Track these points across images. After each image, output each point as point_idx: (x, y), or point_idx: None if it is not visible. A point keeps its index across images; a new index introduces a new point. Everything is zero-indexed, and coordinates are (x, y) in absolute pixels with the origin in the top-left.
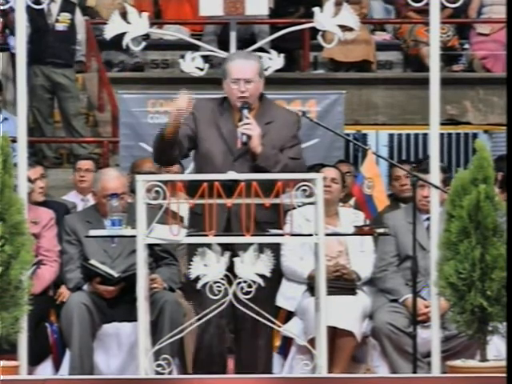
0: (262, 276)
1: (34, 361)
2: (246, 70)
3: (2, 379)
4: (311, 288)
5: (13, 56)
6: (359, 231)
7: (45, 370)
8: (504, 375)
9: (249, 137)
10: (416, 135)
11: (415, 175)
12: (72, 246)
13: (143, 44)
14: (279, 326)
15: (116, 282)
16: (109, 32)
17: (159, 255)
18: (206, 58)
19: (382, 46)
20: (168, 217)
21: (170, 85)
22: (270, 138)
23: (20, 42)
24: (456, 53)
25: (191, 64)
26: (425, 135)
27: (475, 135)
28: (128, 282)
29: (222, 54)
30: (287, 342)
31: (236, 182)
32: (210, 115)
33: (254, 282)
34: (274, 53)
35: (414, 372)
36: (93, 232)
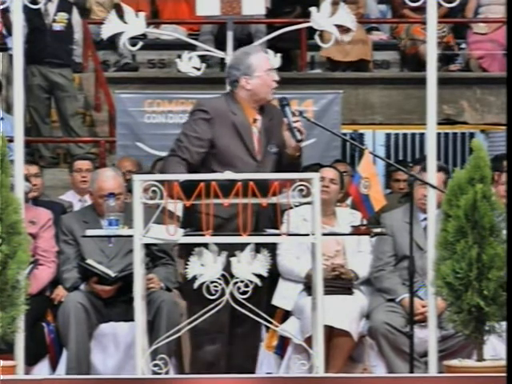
0: (258, 276)
1: (31, 360)
2: (271, 60)
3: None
4: (308, 287)
5: (10, 56)
6: (356, 231)
7: (42, 369)
8: (501, 375)
9: (301, 133)
10: (413, 135)
11: (412, 175)
12: (69, 245)
13: (140, 44)
14: (276, 326)
15: (113, 282)
16: (106, 32)
17: (156, 255)
18: (202, 58)
19: (378, 46)
20: (165, 216)
21: (166, 85)
22: (276, 136)
23: (17, 42)
24: (453, 52)
25: (188, 64)
26: (422, 135)
27: (472, 135)
28: (125, 281)
29: (218, 53)
30: (284, 341)
31: (233, 182)
32: (225, 116)
33: (251, 281)
34: (270, 52)
35: (411, 372)
36: (90, 232)
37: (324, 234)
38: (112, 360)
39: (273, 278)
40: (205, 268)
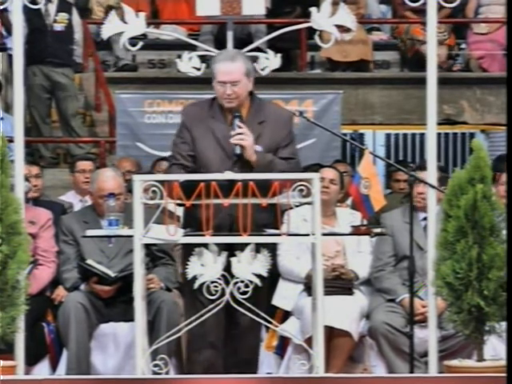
0: (258, 276)
1: (31, 361)
2: (231, 72)
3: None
4: (308, 288)
5: (10, 56)
6: (356, 231)
7: (42, 369)
8: (500, 375)
9: (242, 147)
10: (413, 135)
11: (412, 175)
12: (69, 245)
13: (140, 44)
14: (276, 326)
15: (113, 282)
16: (106, 32)
17: (156, 255)
18: (202, 58)
19: (378, 46)
20: (165, 217)
21: (166, 85)
22: (265, 138)
23: (17, 42)
24: (453, 52)
25: (188, 64)
26: (422, 135)
27: (472, 135)
28: (125, 281)
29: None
30: (284, 341)
31: (233, 182)
32: (203, 120)
33: (251, 281)
34: (270, 52)
35: (411, 372)
36: (90, 232)
37: (324, 234)
38: (112, 360)
39: (273, 278)
40: (205, 268)
